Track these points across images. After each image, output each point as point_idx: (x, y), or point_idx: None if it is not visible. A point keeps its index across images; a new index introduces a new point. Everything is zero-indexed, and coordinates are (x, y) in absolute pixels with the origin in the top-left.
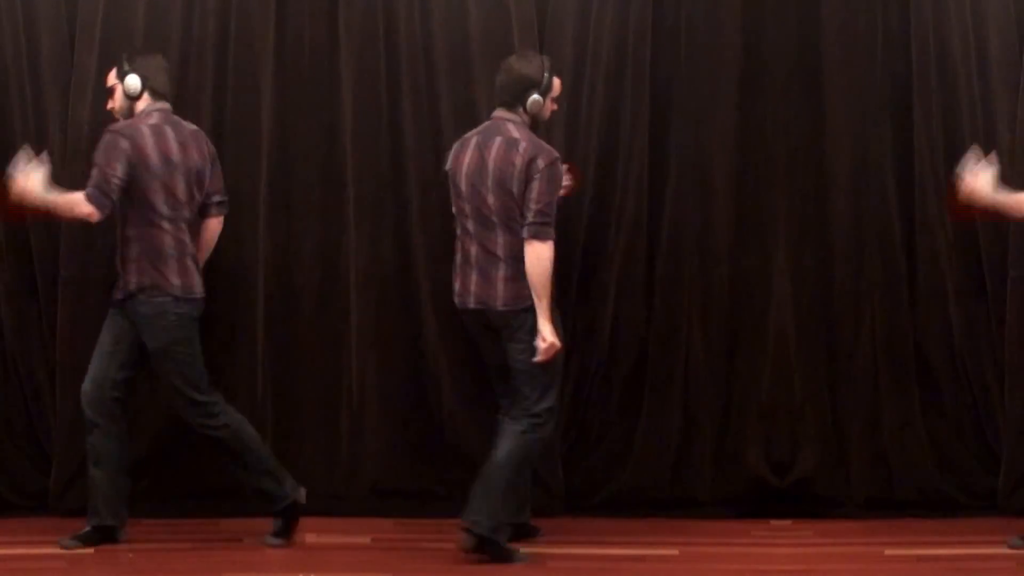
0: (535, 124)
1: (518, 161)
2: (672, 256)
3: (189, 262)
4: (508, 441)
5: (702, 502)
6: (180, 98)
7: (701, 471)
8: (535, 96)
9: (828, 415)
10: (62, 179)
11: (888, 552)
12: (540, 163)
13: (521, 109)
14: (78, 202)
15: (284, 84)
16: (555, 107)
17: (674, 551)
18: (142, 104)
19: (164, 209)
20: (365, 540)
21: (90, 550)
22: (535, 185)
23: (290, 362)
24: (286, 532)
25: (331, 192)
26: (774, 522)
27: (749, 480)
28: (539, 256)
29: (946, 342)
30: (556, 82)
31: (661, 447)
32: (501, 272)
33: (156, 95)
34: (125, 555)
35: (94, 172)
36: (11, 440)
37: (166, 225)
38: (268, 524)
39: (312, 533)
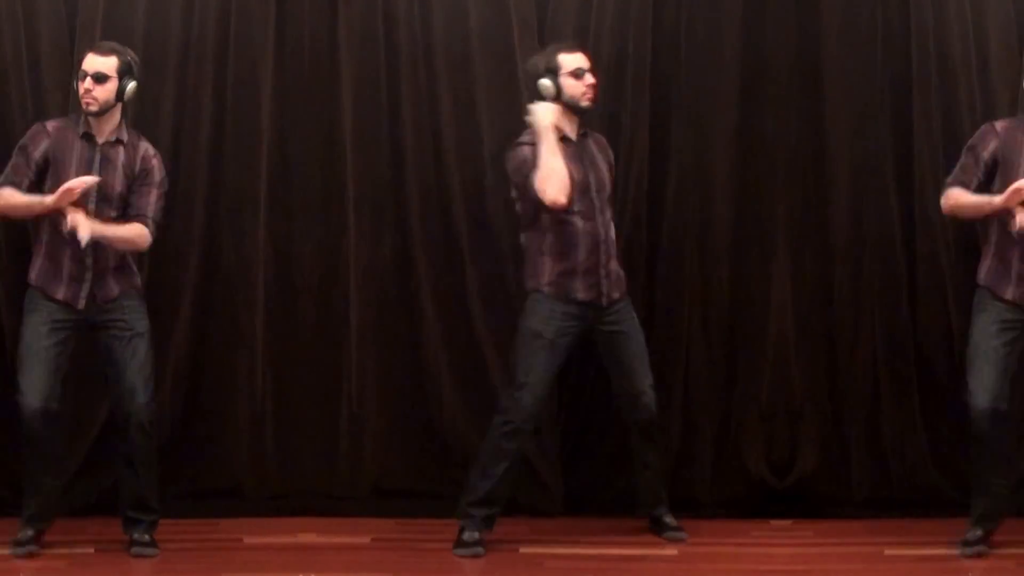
0: (578, 109)
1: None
2: (672, 257)
3: None
4: None
5: (702, 502)
6: (180, 98)
7: (701, 471)
8: (542, 81)
9: (828, 416)
10: None
11: (888, 552)
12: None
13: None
14: (144, 235)
15: (284, 84)
16: (589, 81)
17: (674, 551)
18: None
19: None
20: (365, 540)
21: (90, 549)
22: None
23: (290, 362)
24: None
25: (331, 192)
26: (774, 522)
27: (749, 481)
28: None
29: (946, 342)
30: (565, 58)
31: (661, 447)
32: None
33: None
34: (126, 555)
35: (158, 198)
36: (11, 440)
37: None
38: (268, 524)
39: (312, 533)
